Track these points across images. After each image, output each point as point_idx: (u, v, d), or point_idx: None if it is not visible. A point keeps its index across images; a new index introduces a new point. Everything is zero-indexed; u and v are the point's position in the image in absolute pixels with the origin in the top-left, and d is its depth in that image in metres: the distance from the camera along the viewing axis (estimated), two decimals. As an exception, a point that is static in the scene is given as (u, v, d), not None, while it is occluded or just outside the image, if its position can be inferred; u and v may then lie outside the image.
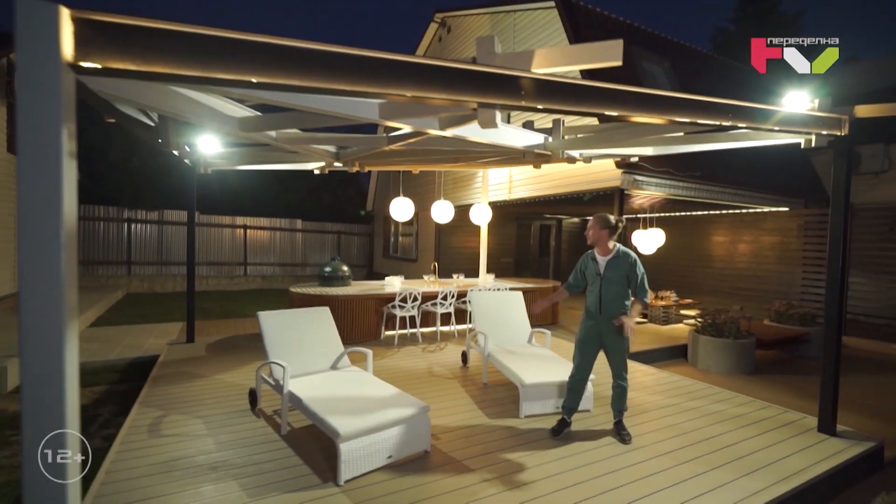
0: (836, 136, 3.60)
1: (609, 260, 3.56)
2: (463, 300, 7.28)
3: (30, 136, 1.24)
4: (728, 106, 2.86)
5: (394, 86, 1.71)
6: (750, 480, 2.96)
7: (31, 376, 1.32)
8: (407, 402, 3.33)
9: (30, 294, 1.29)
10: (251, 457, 3.20)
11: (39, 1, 1.20)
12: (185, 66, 1.39)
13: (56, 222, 1.27)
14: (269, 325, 4.15)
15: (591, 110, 2.24)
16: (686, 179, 6.85)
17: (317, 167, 6.48)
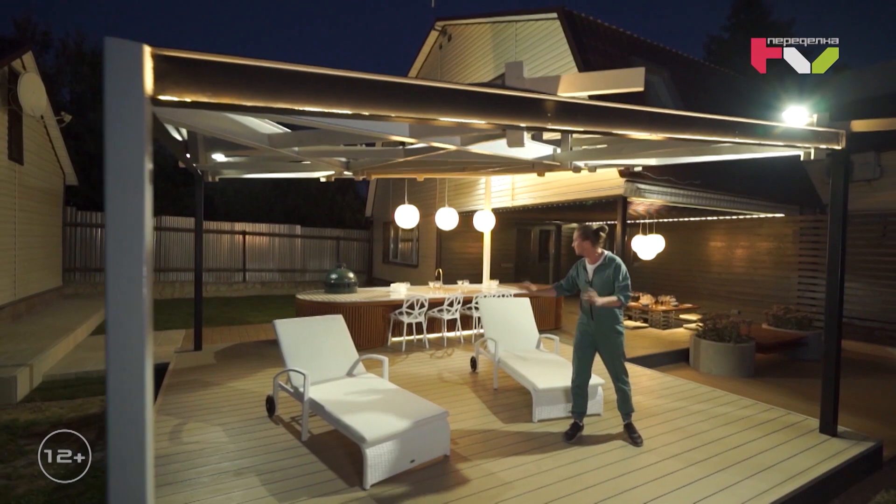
0: (834, 150, 3.77)
1: (596, 267, 3.75)
2: (468, 306, 7.41)
3: (118, 162, 1.36)
4: (735, 123, 3.01)
5: (438, 112, 1.84)
6: (758, 481, 3.10)
7: (117, 383, 1.42)
8: (427, 407, 3.45)
9: (117, 304, 1.40)
10: (275, 463, 3.30)
11: (126, 41, 1.32)
12: (250, 98, 1.51)
13: (140, 237, 1.40)
14: (285, 333, 4.25)
15: (610, 130, 2.38)
16: (686, 187, 7.03)
17: (324, 175, 6.59)
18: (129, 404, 1.41)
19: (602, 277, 3.69)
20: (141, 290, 1.41)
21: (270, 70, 1.53)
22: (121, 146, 1.35)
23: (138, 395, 1.43)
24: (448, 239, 12.24)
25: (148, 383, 1.50)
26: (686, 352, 7.06)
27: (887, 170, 8.50)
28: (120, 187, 1.38)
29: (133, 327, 1.42)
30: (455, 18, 11.02)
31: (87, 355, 7.27)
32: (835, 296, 3.87)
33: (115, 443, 1.43)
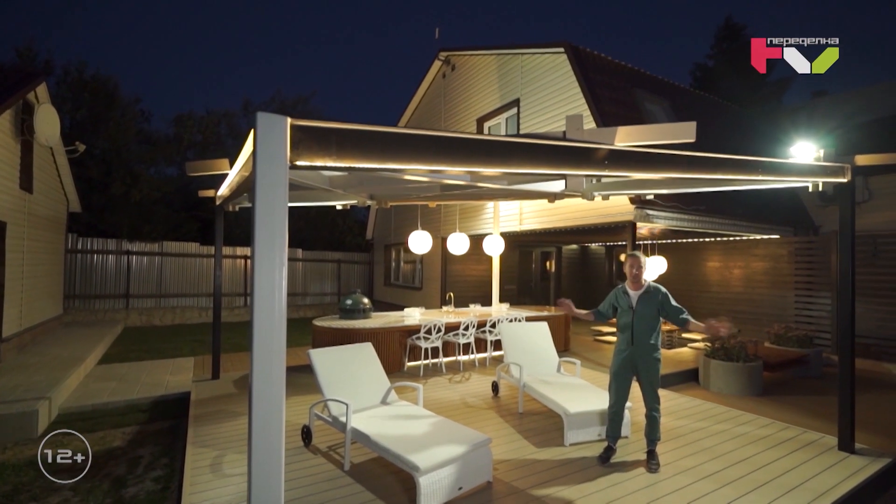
0: (841, 183, 4.04)
1: (641, 294, 3.86)
2: (482, 329, 7.54)
3: (266, 217, 1.54)
4: (759, 162, 3.26)
5: (517, 164, 2.04)
6: (790, 500, 3.26)
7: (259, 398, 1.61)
8: (468, 434, 3.56)
9: (261, 327, 1.61)
10: (323, 494, 3.37)
11: (274, 115, 1.49)
12: (366, 159, 1.69)
13: (281, 273, 1.59)
14: (320, 363, 4.35)
15: (654, 173, 2.60)
16: (691, 213, 7.33)
17: (342, 204, 6.75)
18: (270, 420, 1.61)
19: (649, 304, 3.80)
20: (280, 314, 1.63)
21: (383, 134, 1.71)
22: (269, 204, 1.54)
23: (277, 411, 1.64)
24: (453, 262, 12.40)
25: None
26: (694, 371, 7.24)
27: (875, 193, 8.92)
28: (268, 237, 1.56)
29: (273, 358, 1.62)
30: (459, 49, 11.40)
31: (101, 386, 7.22)
32: (847, 317, 4.09)
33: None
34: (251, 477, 1.65)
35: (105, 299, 13.43)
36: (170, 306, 14.26)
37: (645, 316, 3.80)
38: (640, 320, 3.81)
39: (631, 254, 3.93)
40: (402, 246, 14.85)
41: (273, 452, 1.65)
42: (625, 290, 3.95)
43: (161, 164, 18.89)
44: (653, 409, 3.87)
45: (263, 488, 1.67)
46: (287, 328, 1.69)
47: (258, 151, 1.49)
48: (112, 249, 13.56)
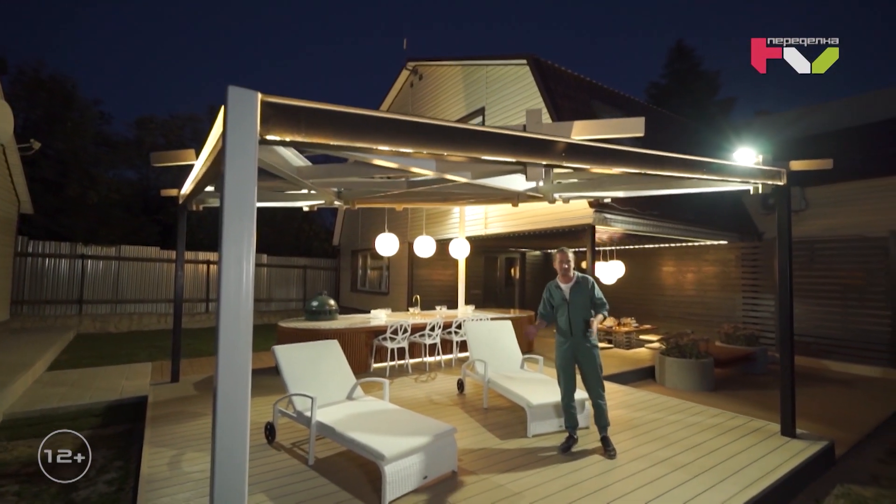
0: (778, 186, 4.31)
1: (572, 286, 4.01)
2: (448, 331, 7.56)
3: (235, 189, 1.51)
4: (703, 162, 3.44)
5: (480, 151, 2.08)
6: (739, 478, 3.41)
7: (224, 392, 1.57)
8: (434, 425, 3.56)
9: (228, 304, 1.58)
10: (286, 487, 3.29)
11: (246, 90, 1.48)
12: (336, 138, 1.69)
13: (250, 245, 1.57)
14: (285, 358, 4.27)
15: (608, 167, 2.71)
16: (646, 217, 7.61)
17: (311, 205, 6.67)
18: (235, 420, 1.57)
19: (580, 296, 3.96)
20: (247, 287, 1.60)
21: (354, 115, 1.73)
22: (238, 177, 1.52)
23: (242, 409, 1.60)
24: (420, 266, 12.40)
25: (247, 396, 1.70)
26: (650, 369, 7.47)
27: (812, 202, 9.52)
28: (236, 210, 1.53)
29: (239, 330, 1.59)
30: (426, 59, 11.53)
31: (50, 391, 6.80)
32: (786, 313, 4.34)
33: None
34: (214, 476, 1.60)
35: (56, 305, 12.71)
36: (126, 312, 13.63)
37: (579, 306, 3.95)
38: (576, 311, 3.95)
39: (559, 249, 4.06)
40: (370, 252, 14.75)
41: (237, 451, 1.62)
42: (557, 285, 4.09)
43: (121, 167, 18.15)
44: (598, 398, 3.96)
45: (226, 487, 1.62)
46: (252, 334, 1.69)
47: (229, 123, 1.47)
48: (65, 253, 12.87)
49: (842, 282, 8.13)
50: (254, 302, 14.79)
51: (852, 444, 4.62)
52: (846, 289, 8.11)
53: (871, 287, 7.84)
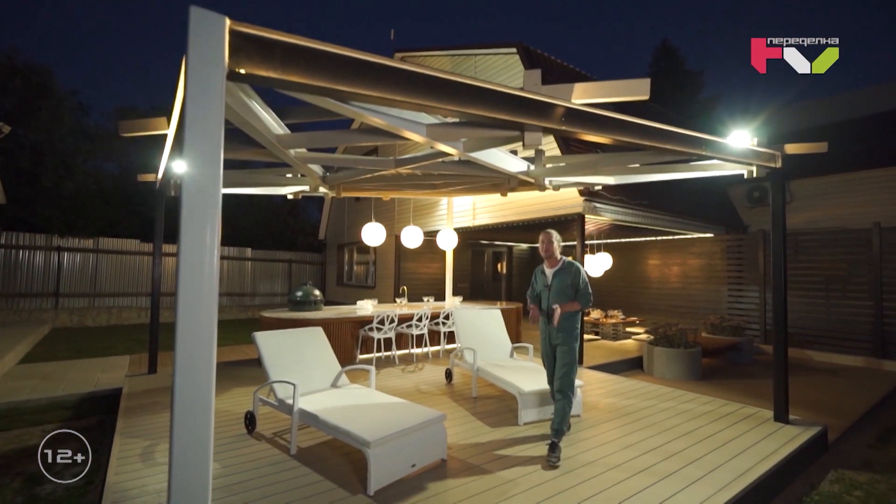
0: (773, 168, 4.21)
1: (556, 271, 3.68)
2: (435, 321, 7.37)
3: (198, 135, 1.30)
4: (703, 139, 3.31)
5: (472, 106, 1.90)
6: (736, 464, 3.29)
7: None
8: (423, 411, 3.37)
9: (189, 271, 1.36)
10: (267, 477, 3.08)
11: (211, 12, 1.27)
12: (315, 78, 1.49)
13: (216, 199, 1.36)
14: (266, 345, 4.04)
15: (609, 135, 2.55)
16: (635, 207, 7.51)
17: (292, 192, 6.42)
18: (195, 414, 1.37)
19: (562, 281, 3.62)
20: (213, 230, 1.39)
21: (337, 55, 1.53)
22: (201, 118, 1.31)
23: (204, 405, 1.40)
24: (406, 259, 12.19)
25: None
26: (638, 359, 7.39)
27: (796, 195, 9.54)
28: (199, 154, 1.32)
29: (203, 304, 1.37)
30: (414, 50, 11.29)
31: (20, 384, 6.45)
32: (780, 298, 4.24)
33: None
34: (172, 469, 1.39)
35: (31, 298, 12.20)
36: (105, 306, 13.16)
37: (560, 291, 3.61)
38: (557, 296, 3.62)
39: (544, 231, 3.75)
40: (356, 245, 14.48)
41: (197, 464, 1.40)
42: (542, 270, 3.82)
43: (100, 159, 17.54)
44: (561, 393, 3.50)
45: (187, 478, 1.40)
46: (234, 327, 1.48)
47: (191, 52, 1.26)
48: (41, 245, 12.36)
49: (825, 273, 8.15)
50: (237, 296, 14.47)
51: (843, 430, 4.55)
52: (829, 280, 8.13)
53: (853, 278, 7.86)
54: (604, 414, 4.44)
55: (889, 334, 7.48)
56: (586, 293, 3.63)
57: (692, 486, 2.95)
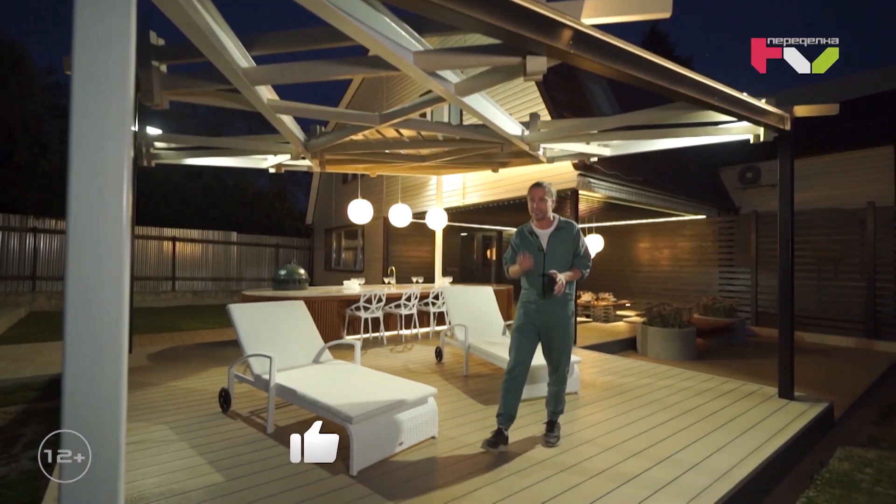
0: (782, 131, 3.93)
1: (552, 233, 2.99)
2: (425, 302, 7.06)
3: (91, 47, 0.94)
4: (715, 88, 3.00)
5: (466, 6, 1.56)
6: (746, 440, 3.04)
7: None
8: (412, 387, 3.07)
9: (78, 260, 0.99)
10: (240, 457, 2.76)
11: None
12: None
13: (121, 141, 0.98)
14: (242, 318, 3.69)
15: (621, 67, 2.25)
16: (630, 184, 7.23)
17: (274, 164, 6.02)
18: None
19: (563, 245, 2.97)
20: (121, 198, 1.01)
21: None
22: (97, 28, 0.94)
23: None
24: (395, 243, 11.83)
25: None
26: (630, 340, 7.18)
27: (789, 176, 9.35)
28: (93, 84, 0.96)
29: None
30: (402, 26, 10.81)
31: (-15, 366, 6.03)
32: (787, 269, 3.99)
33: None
34: None
35: (6, 281, 11.63)
36: (85, 290, 12.60)
37: (559, 258, 2.94)
38: (553, 262, 2.92)
39: (535, 184, 3.02)
40: (344, 229, 14.08)
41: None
42: (531, 231, 3.04)
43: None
44: (561, 378, 3.05)
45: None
46: (219, 312, 1.15)
47: None
48: (15, 226, 11.76)
49: (818, 254, 7.98)
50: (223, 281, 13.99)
51: (846, 407, 4.35)
52: (821, 261, 7.96)
53: (846, 259, 7.71)
54: (602, 391, 4.18)
55: (882, 314, 7.34)
56: (587, 256, 3.03)
57: (706, 462, 2.69)
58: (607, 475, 2.54)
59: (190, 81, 2.73)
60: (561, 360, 3.01)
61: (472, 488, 2.40)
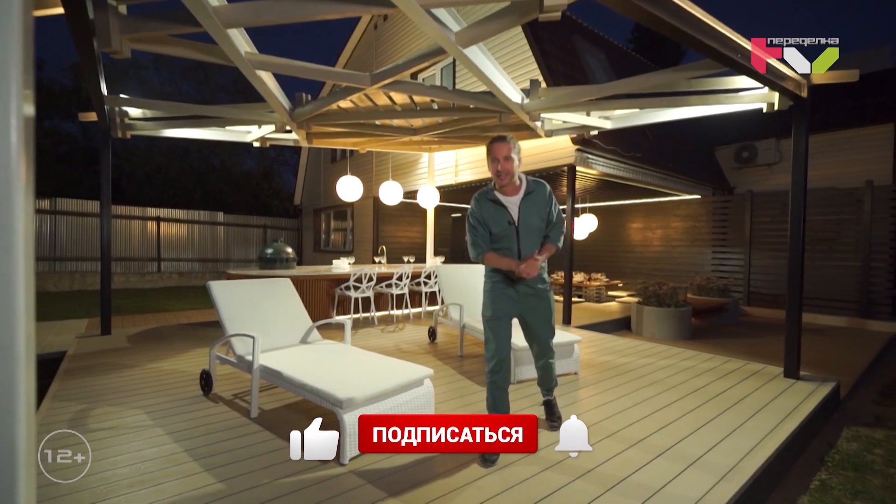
0: (798, 98, 3.68)
1: (523, 199, 2.43)
2: (416, 281, 6.82)
3: None
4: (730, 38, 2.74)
5: None
6: (761, 420, 2.87)
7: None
8: (406, 368, 2.82)
9: None
10: (220, 444, 2.51)
11: None
12: None
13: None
14: (223, 296, 3.40)
15: (648, 7, 1.97)
16: (627, 161, 6.98)
17: (258, 137, 5.65)
18: None
19: (536, 209, 2.44)
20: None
21: None
22: None
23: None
24: (385, 223, 11.52)
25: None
26: (624, 320, 7.03)
27: (786, 155, 9.18)
28: None
29: None
30: (393, -3, 10.31)
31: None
32: (797, 246, 3.78)
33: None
34: None
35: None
36: (67, 270, 12.15)
37: (533, 229, 2.44)
38: (528, 236, 2.44)
39: (496, 138, 2.40)
40: (333, 210, 13.70)
41: None
42: (494, 199, 2.46)
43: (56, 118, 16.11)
44: (549, 354, 2.70)
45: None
46: (206, 294, 0.87)
47: None
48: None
49: (812, 234, 7.85)
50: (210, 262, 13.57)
51: (848, 387, 4.22)
52: (815, 241, 7.84)
53: (841, 238, 7.58)
54: (603, 372, 3.99)
55: (875, 294, 7.27)
56: (561, 223, 2.53)
57: (722, 444, 2.50)
58: (618, 462, 2.34)
59: (154, 24, 2.39)
60: (548, 339, 2.65)
61: (474, 477, 2.18)
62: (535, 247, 2.47)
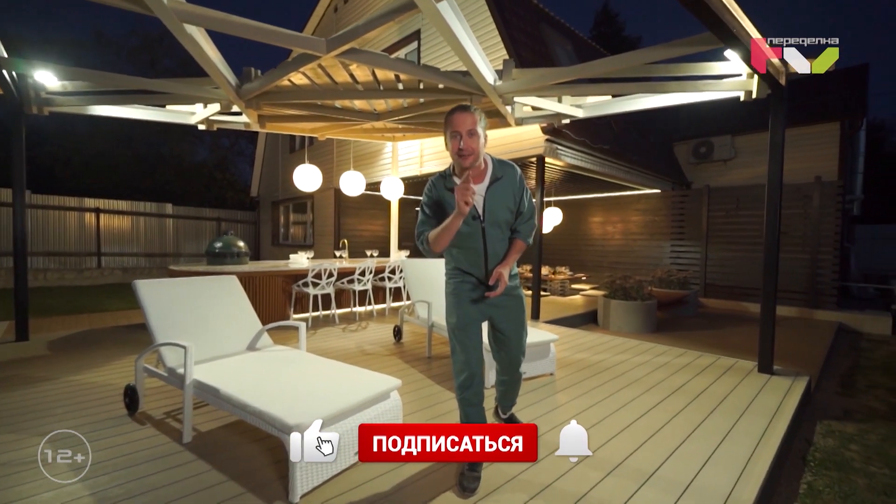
0: (777, 85, 3.51)
1: (490, 187, 1.95)
2: (380, 276, 6.37)
3: None
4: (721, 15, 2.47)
5: None
6: (749, 423, 2.66)
7: None
8: (369, 379, 2.42)
9: None
10: (140, 481, 2.02)
11: None
12: None
13: None
14: (152, 297, 2.85)
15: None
16: (595, 153, 6.78)
17: (202, 119, 5.01)
18: None
19: (503, 202, 1.96)
20: None
21: None
22: None
23: None
24: (347, 216, 10.94)
25: None
26: (590, 314, 6.87)
27: (740, 151, 9.31)
28: None
29: None
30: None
31: None
32: (773, 240, 3.64)
33: None
34: None
35: None
36: (-9, 267, 10.83)
37: (500, 223, 1.98)
38: (496, 231, 1.98)
39: (458, 107, 1.87)
40: (292, 202, 12.94)
41: None
42: (453, 189, 1.92)
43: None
44: (517, 370, 2.28)
45: None
46: None
47: None
48: None
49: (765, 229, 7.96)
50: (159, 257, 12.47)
51: (814, 378, 4.16)
52: (768, 234, 7.95)
53: (792, 232, 7.73)
54: (580, 371, 3.72)
55: (822, 285, 7.45)
56: (532, 214, 2.07)
57: (718, 453, 2.25)
58: (613, 487, 2.03)
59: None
60: (520, 348, 2.19)
61: (452, 511, 1.82)
62: (503, 244, 2.02)
